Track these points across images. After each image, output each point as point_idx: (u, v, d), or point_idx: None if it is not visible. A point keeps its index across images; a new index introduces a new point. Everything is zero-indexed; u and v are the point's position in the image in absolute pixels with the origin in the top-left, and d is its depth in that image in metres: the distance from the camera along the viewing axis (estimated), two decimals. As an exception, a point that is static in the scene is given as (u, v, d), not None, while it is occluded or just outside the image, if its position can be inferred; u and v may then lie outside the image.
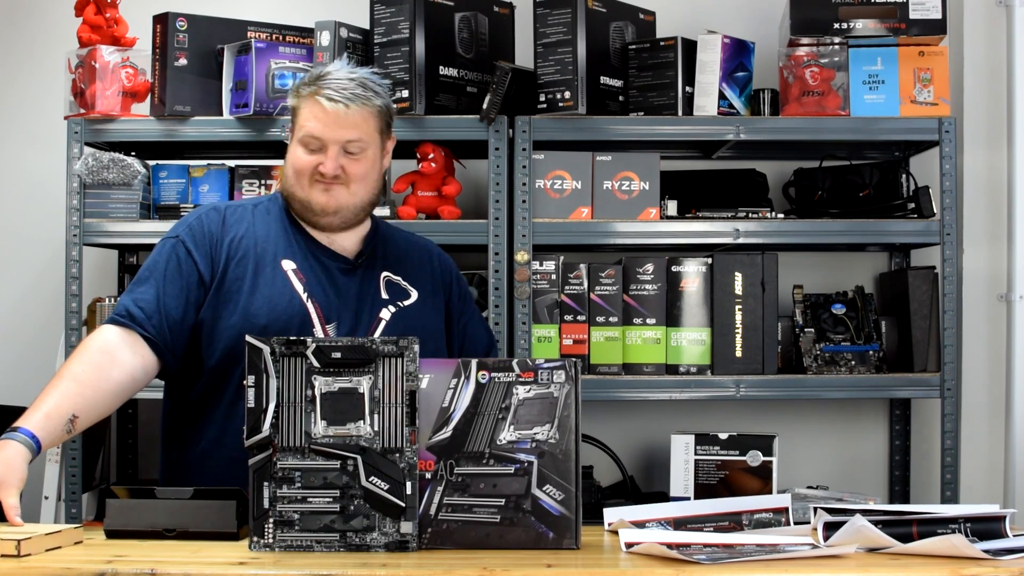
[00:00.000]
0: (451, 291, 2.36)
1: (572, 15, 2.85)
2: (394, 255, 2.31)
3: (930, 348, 2.99)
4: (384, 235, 2.34)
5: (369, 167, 2.21)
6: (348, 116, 2.16)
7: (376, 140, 2.22)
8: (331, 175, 2.17)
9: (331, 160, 2.17)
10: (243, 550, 1.76)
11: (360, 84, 2.19)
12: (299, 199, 2.21)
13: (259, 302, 2.15)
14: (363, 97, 2.18)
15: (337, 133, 2.16)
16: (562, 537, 1.76)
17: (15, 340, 3.34)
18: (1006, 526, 1.81)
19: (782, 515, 1.95)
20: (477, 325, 2.41)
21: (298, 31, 2.99)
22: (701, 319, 2.92)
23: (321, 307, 2.17)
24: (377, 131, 2.22)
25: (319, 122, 2.16)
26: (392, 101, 2.29)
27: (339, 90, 2.16)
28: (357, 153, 2.19)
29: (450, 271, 2.39)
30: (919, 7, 2.89)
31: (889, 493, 3.29)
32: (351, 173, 2.19)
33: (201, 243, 2.18)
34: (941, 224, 2.90)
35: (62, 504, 2.93)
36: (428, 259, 2.36)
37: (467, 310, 2.39)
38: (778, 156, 3.25)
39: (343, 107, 2.15)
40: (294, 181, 2.21)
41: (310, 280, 2.19)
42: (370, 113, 2.19)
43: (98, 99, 2.89)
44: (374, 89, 2.21)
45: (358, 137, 2.18)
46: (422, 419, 1.77)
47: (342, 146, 2.17)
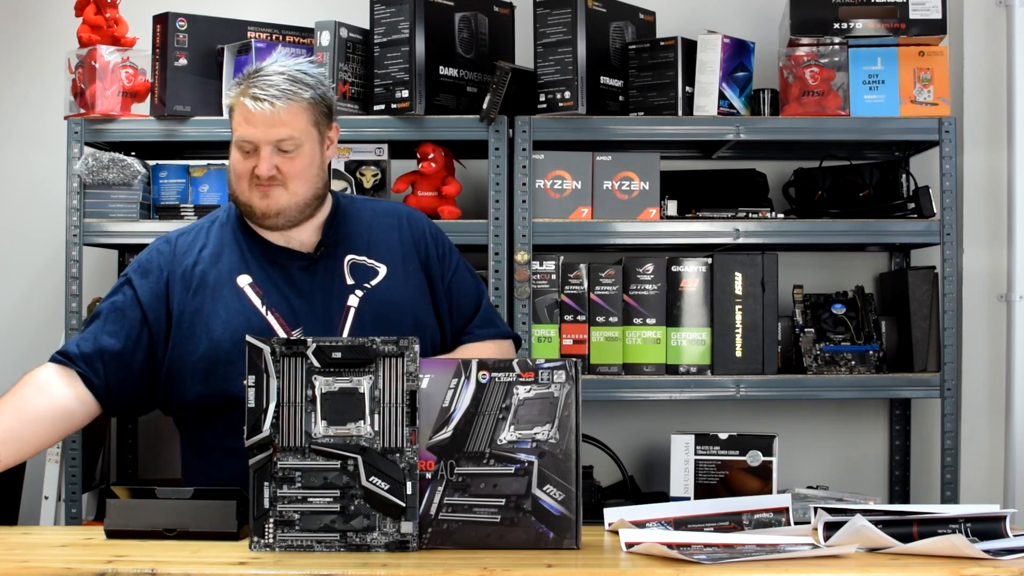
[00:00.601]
0: (427, 252, 2.27)
1: (572, 15, 2.85)
2: (357, 233, 2.24)
3: (930, 348, 2.99)
4: (346, 213, 2.27)
5: (306, 164, 2.16)
6: (275, 115, 2.10)
7: (311, 134, 2.16)
8: (266, 176, 2.12)
9: (264, 161, 2.12)
10: (243, 550, 1.76)
11: (289, 79, 2.13)
12: (242, 203, 2.18)
13: (217, 323, 2.13)
14: (290, 92, 2.12)
15: (266, 133, 2.11)
16: (562, 537, 1.76)
17: (15, 340, 3.34)
18: (1006, 526, 1.81)
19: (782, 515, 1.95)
20: (463, 280, 2.31)
21: (298, 31, 2.99)
22: (701, 319, 2.92)
23: (283, 315, 2.14)
24: (311, 124, 2.16)
25: (248, 124, 2.12)
26: (329, 89, 2.21)
27: (264, 88, 2.11)
28: (291, 151, 2.13)
29: (423, 232, 2.29)
30: (919, 7, 2.89)
31: (889, 493, 3.29)
32: (287, 172, 2.14)
33: (146, 283, 2.18)
34: (941, 224, 2.90)
35: (62, 504, 2.93)
36: (396, 225, 2.28)
37: (449, 267, 2.30)
38: (778, 156, 3.25)
39: (268, 106, 2.10)
40: (235, 186, 2.18)
41: (268, 290, 2.16)
42: (300, 108, 2.13)
43: (98, 99, 2.89)
44: (304, 82, 2.15)
45: (288, 135, 2.12)
46: (422, 419, 1.77)
47: (274, 145, 2.12)
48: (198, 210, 2.94)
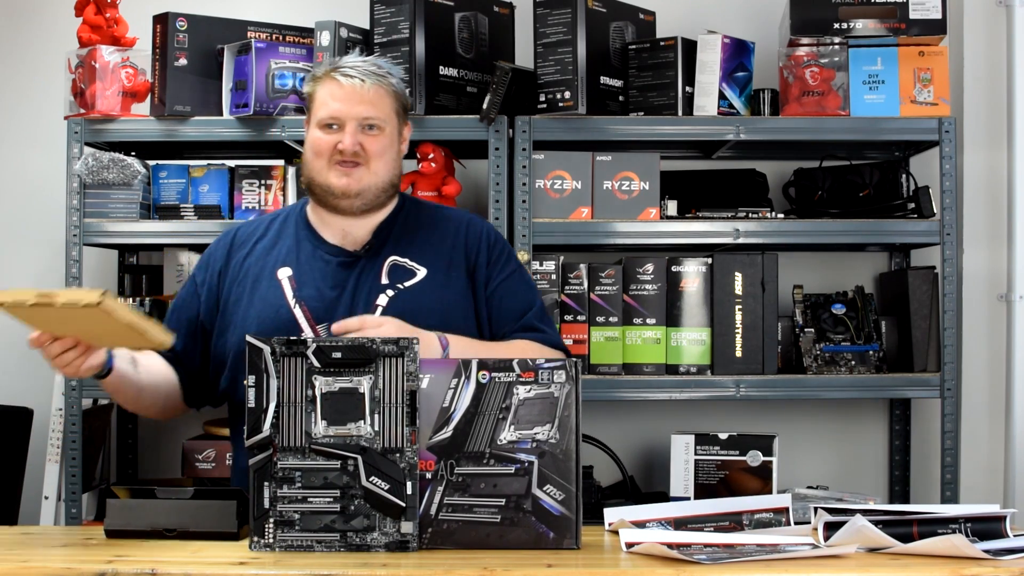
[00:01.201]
0: (476, 259, 2.27)
1: (572, 15, 2.85)
2: (408, 235, 2.26)
3: (930, 348, 2.99)
4: (407, 215, 2.30)
5: (387, 144, 2.22)
6: (364, 91, 2.19)
7: (393, 121, 2.24)
8: (350, 151, 2.18)
9: (349, 136, 2.18)
10: (243, 550, 1.76)
11: (375, 65, 2.24)
12: (319, 185, 2.22)
13: (251, 318, 2.18)
14: (378, 74, 2.22)
15: (354, 109, 2.18)
16: (562, 537, 1.76)
17: (15, 341, 3.32)
18: (1006, 526, 1.81)
19: (782, 515, 1.95)
20: (511, 288, 2.27)
21: (298, 31, 2.99)
22: (701, 319, 2.92)
23: (311, 309, 2.17)
24: (393, 111, 2.24)
25: (336, 100, 2.19)
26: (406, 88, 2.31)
27: (354, 67, 2.21)
28: (375, 131, 2.20)
29: (479, 238, 2.29)
30: (919, 7, 2.89)
31: (889, 493, 3.29)
32: (370, 150, 2.19)
33: (204, 275, 2.28)
34: (941, 224, 2.90)
35: (62, 504, 2.93)
36: (453, 231, 2.29)
37: (498, 275, 2.27)
38: (778, 156, 3.25)
39: (359, 82, 2.18)
40: (313, 166, 2.22)
41: (303, 284, 2.19)
42: (386, 92, 2.22)
43: (98, 99, 2.89)
44: (390, 71, 2.25)
45: (375, 114, 2.20)
46: (422, 419, 1.77)
47: (360, 123, 2.19)
48: (198, 210, 2.94)
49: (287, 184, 2.99)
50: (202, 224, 2.92)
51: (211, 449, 2.89)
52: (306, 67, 2.93)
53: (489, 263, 2.28)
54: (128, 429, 3.26)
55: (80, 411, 2.89)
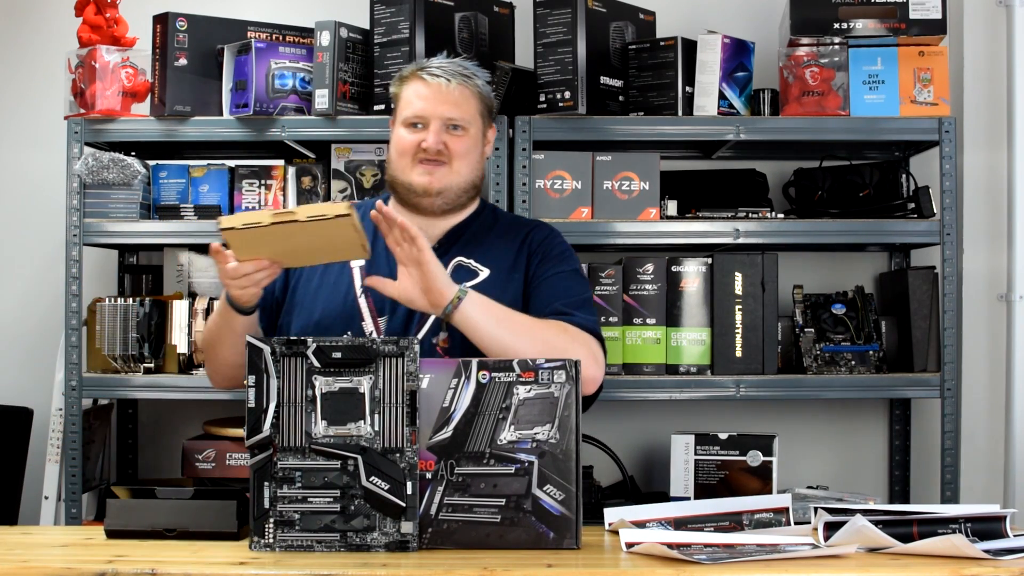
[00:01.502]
0: (532, 257, 2.28)
1: (572, 15, 2.85)
2: (477, 238, 2.28)
3: (930, 348, 2.99)
4: (484, 219, 2.32)
5: (471, 145, 2.25)
6: (449, 92, 2.22)
7: (477, 122, 2.26)
8: (434, 150, 2.20)
9: (433, 135, 2.20)
10: (243, 550, 1.76)
11: (461, 66, 2.26)
12: (402, 183, 2.24)
13: (319, 301, 2.22)
14: (464, 75, 2.25)
15: (439, 108, 2.21)
16: (562, 537, 1.76)
17: (15, 340, 3.34)
18: (1006, 526, 1.81)
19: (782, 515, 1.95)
20: (556, 283, 2.25)
21: (298, 31, 2.99)
22: (701, 319, 2.92)
23: (375, 301, 2.20)
24: (478, 113, 2.26)
25: (421, 99, 2.22)
26: (491, 90, 2.33)
27: (440, 67, 2.24)
28: (459, 131, 2.23)
29: (539, 241, 2.30)
30: (919, 7, 2.89)
31: (889, 493, 3.29)
32: (453, 150, 2.22)
33: None
34: (941, 224, 2.90)
35: (62, 504, 2.93)
36: (519, 236, 2.31)
37: (543, 272, 2.26)
38: (778, 156, 3.25)
39: (445, 81, 2.22)
40: (397, 164, 2.25)
41: (372, 275, 2.20)
42: (471, 93, 2.25)
43: (98, 99, 2.89)
44: (475, 73, 2.28)
45: (459, 115, 2.22)
46: (422, 419, 1.77)
47: (444, 122, 2.21)
48: (198, 210, 2.94)
49: (287, 184, 3.00)
50: (202, 224, 2.93)
51: (211, 449, 2.89)
52: (306, 67, 2.93)
53: (540, 262, 2.28)
54: (128, 429, 3.27)
55: (80, 411, 2.89)
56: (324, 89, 2.87)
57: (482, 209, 2.35)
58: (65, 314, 2.90)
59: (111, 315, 2.89)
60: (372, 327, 2.19)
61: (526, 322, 2.11)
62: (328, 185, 2.99)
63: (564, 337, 2.12)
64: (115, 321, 2.89)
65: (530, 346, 2.04)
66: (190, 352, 2.92)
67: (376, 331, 2.20)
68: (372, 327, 2.19)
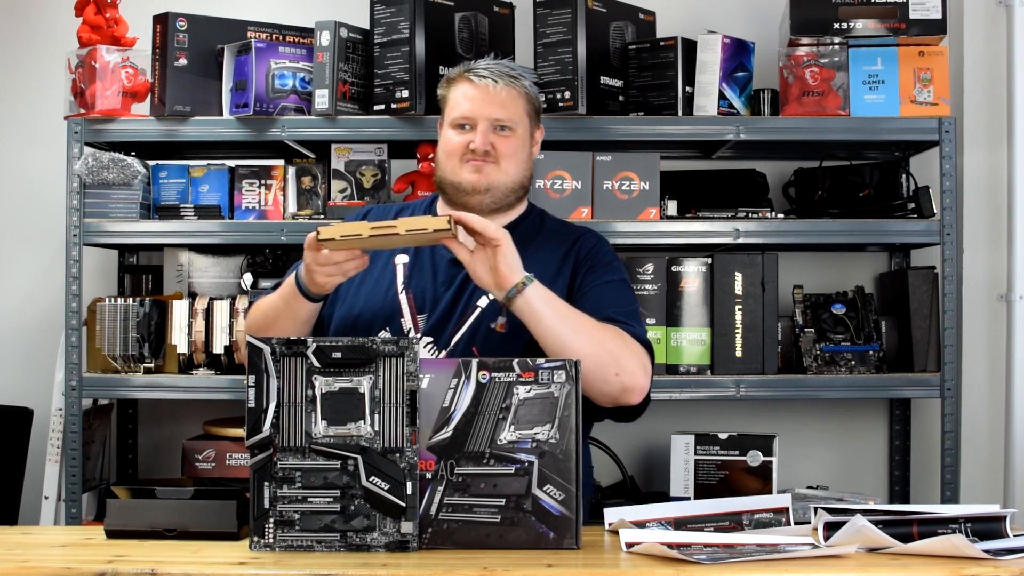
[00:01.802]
0: (579, 266, 2.26)
1: (572, 15, 2.85)
2: (525, 241, 2.25)
3: (930, 348, 2.99)
4: (531, 223, 2.33)
5: (519, 146, 2.26)
6: (496, 93, 2.24)
7: (524, 122, 2.28)
8: (481, 150, 2.22)
9: (481, 135, 2.22)
10: (243, 550, 1.76)
11: (508, 67, 2.28)
12: (451, 183, 2.26)
13: (362, 293, 2.24)
14: (511, 76, 2.26)
15: (486, 110, 2.23)
16: (563, 537, 1.76)
17: (15, 340, 3.35)
18: (1006, 526, 1.81)
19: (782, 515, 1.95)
20: (599, 292, 2.22)
21: (298, 31, 2.99)
22: (701, 319, 2.92)
23: (416, 298, 2.21)
24: (525, 113, 2.28)
25: (468, 101, 2.24)
26: (539, 92, 2.34)
27: (487, 68, 2.26)
28: (507, 131, 2.24)
29: (588, 249, 2.29)
30: (919, 7, 2.89)
31: (889, 493, 3.29)
32: (501, 150, 2.23)
33: None
34: (941, 224, 2.90)
35: (62, 504, 2.93)
36: (569, 241, 2.30)
37: (590, 279, 2.24)
38: (778, 156, 3.25)
39: (492, 83, 2.24)
40: (445, 165, 2.26)
41: (415, 273, 2.23)
42: (518, 94, 2.27)
43: (98, 99, 2.89)
44: (522, 74, 2.29)
45: (507, 116, 2.24)
46: (422, 419, 1.77)
47: (491, 123, 2.23)
48: (198, 210, 2.94)
49: (287, 184, 3.00)
50: (202, 224, 2.93)
51: (211, 449, 2.89)
52: (306, 67, 2.93)
53: (587, 271, 2.26)
54: (128, 429, 3.27)
55: (80, 411, 2.89)
56: (324, 89, 2.87)
57: (529, 212, 2.36)
58: (65, 314, 2.90)
59: (111, 315, 2.89)
60: (411, 324, 2.20)
61: (586, 321, 2.09)
62: (328, 185, 2.99)
63: (620, 343, 2.10)
64: (115, 321, 2.89)
65: (588, 346, 2.03)
66: (190, 352, 2.92)
67: (415, 328, 2.20)
68: (411, 324, 2.20)
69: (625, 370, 2.07)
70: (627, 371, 2.07)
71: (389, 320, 2.21)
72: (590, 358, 2.00)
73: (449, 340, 2.19)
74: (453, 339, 2.19)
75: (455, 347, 2.18)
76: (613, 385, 2.07)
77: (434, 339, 2.19)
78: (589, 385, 2.04)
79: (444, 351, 2.19)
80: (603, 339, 2.08)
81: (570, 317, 2.07)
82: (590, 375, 2.02)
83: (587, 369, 1.99)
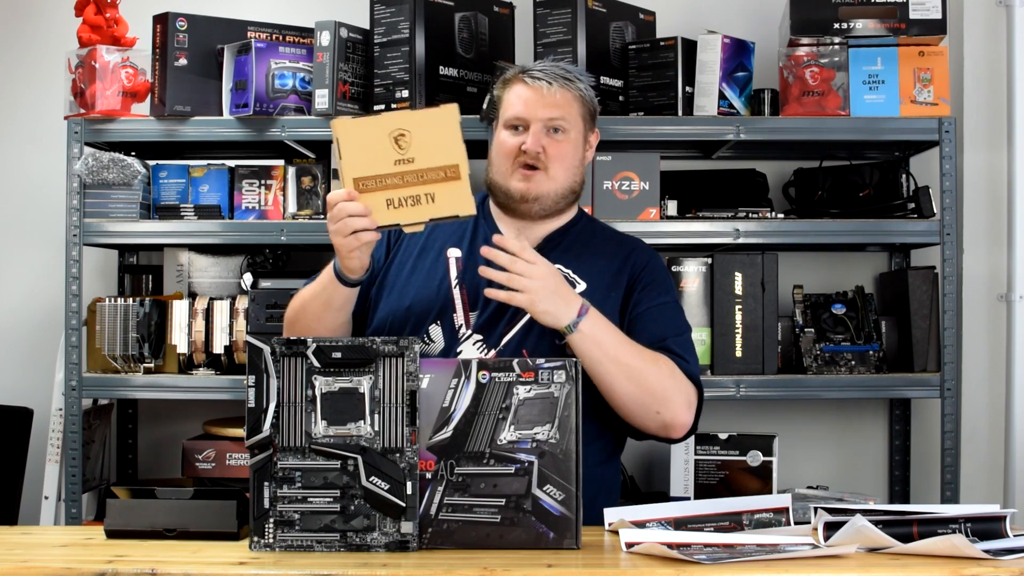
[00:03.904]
0: (635, 282, 2.25)
1: (572, 15, 2.85)
2: (578, 248, 2.27)
3: (930, 348, 2.99)
4: (583, 229, 2.31)
5: (570, 149, 2.23)
6: (550, 94, 2.21)
7: (579, 125, 2.25)
8: (533, 152, 2.19)
9: (533, 136, 2.20)
10: (243, 550, 1.76)
11: (564, 69, 2.26)
12: (500, 188, 2.24)
13: (413, 284, 2.21)
14: (565, 78, 2.24)
15: (539, 111, 2.21)
16: (562, 537, 1.76)
17: (15, 340, 3.35)
18: (1006, 526, 1.81)
19: (782, 515, 1.95)
20: (656, 316, 2.22)
21: (298, 31, 2.99)
22: (701, 319, 2.92)
23: (469, 294, 2.19)
24: (580, 116, 2.25)
25: (522, 101, 2.22)
26: (595, 95, 2.31)
27: (542, 70, 2.24)
28: (559, 134, 2.22)
29: (643, 263, 2.28)
30: (919, 7, 2.89)
31: (889, 493, 3.29)
32: (551, 154, 2.21)
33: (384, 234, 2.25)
34: (941, 224, 2.90)
35: (62, 504, 2.93)
36: (620, 252, 2.29)
37: (646, 299, 2.23)
38: (778, 156, 3.26)
39: (546, 84, 2.21)
40: (497, 168, 2.25)
41: (468, 268, 2.20)
42: (572, 96, 2.24)
43: (98, 99, 2.89)
44: (578, 76, 2.27)
45: (560, 116, 2.21)
46: (422, 419, 1.77)
47: (544, 124, 2.21)
48: (198, 210, 2.94)
49: (287, 184, 3.00)
50: (202, 224, 2.93)
51: (211, 449, 2.89)
52: (306, 67, 2.93)
53: (642, 288, 2.25)
54: (128, 429, 3.27)
55: (80, 411, 2.89)
56: (324, 89, 2.87)
57: (579, 218, 2.33)
58: (65, 314, 2.90)
59: (111, 315, 2.89)
60: (463, 320, 2.18)
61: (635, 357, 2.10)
62: (328, 185, 2.99)
63: (669, 381, 2.13)
64: (115, 321, 2.89)
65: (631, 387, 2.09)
66: (190, 352, 2.92)
67: (466, 324, 2.18)
68: (463, 320, 2.18)
69: (668, 408, 2.13)
70: (670, 409, 2.13)
71: (441, 314, 2.18)
72: (633, 397, 2.08)
73: (500, 339, 2.17)
74: (504, 339, 2.17)
75: (506, 347, 2.16)
76: (655, 421, 2.13)
77: (484, 337, 2.17)
78: (631, 417, 2.12)
79: (494, 350, 2.16)
80: (650, 379, 2.10)
81: (620, 354, 2.08)
82: (633, 412, 2.11)
83: (629, 407, 2.10)
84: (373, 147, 1.98)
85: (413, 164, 1.98)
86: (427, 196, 1.99)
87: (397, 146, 1.98)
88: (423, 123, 1.99)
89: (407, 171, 1.98)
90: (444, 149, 1.99)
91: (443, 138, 1.99)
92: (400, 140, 1.99)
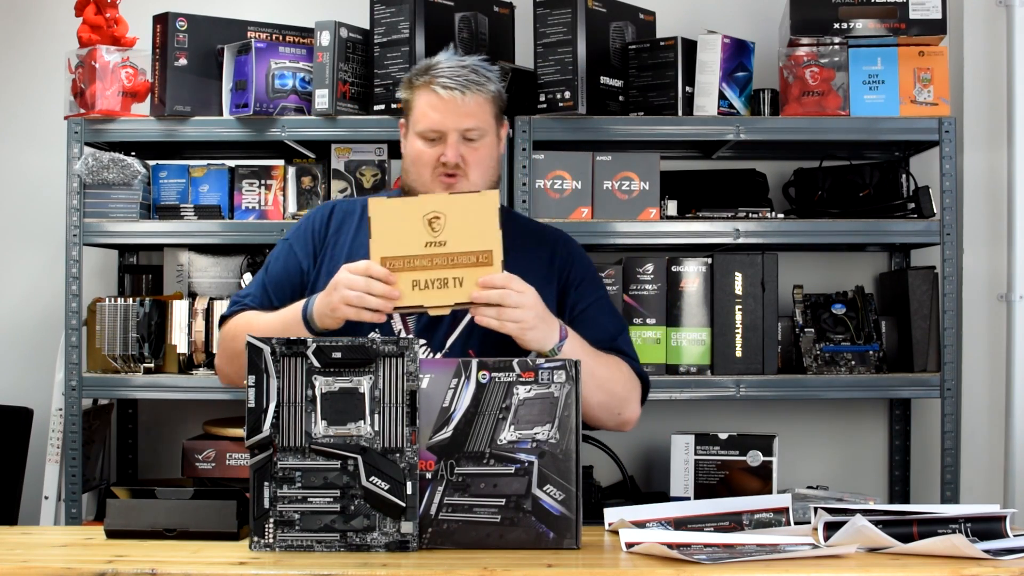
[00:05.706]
0: (568, 278, 2.27)
1: (572, 15, 2.85)
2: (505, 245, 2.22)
3: (930, 348, 2.99)
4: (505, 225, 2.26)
5: (487, 152, 2.23)
6: (464, 103, 2.19)
7: (492, 126, 2.24)
8: (453, 163, 2.18)
9: (451, 148, 2.18)
10: (243, 550, 1.76)
11: (472, 71, 2.22)
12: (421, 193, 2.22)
13: None
14: (477, 83, 2.20)
15: (455, 121, 2.19)
16: (562, 537, 1.76)
17: (15, 340, 3.35)
18: (1006, 526, 1.81)
19: (782, 515, 1.95)
20: (595, 316, 2.26)
21: (298, 31, 2.99)
22: (701, 319, 2.92)
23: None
24: (492, 116, 2.24)
25: (436, 112, 2.19)
26: (503, 87, 2.29)
27: (453, 77, 2.19)
28: (476, 140, 2.21)
29: (572, 257, 2.30)
30: (919, 7, 2.89)
31: (889, 493, 3.29)
32: (470, 161, 2.20)
33: (304, 239, 2.27)
34: (941, 224, 2.90)
35: (62, 504, 2.93)
36: (548, 247, 2.30)
37: (584, 297, 2.26)
38: (778, 156, 3.26)
39: (459, 94, 2.18)
40: (415, 175, 2.23)
41: None
42: (485, 99, 2.22)
43: (98, 99, 2.89)
44: (486, 75, 2.23)
45: (476, 124, 2.20)
46: (422, 419, 1.77)
47: (461, 134, 2.19)
48: (198, 210, 2.94)
49: (287, 184, 3.00)
50: (202, 224, 2.93)
51: (211, 449, 2.89)
52: (306, 67, 2.93)
53: (577, 285, 2.27)
54: (128, 429, 3.27)
55: (80, 411, 2.89)
56: (324, 89, 2.87)
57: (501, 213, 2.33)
58: (65, 314, 2.90)
59: (111, 315, 2.89)
60: (401, 325, 2.18)
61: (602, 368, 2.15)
62: (328, 185, 2.99)
63: (628, 385, 2.21)
64: (115, 321, 2.89)
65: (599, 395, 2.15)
66: (190, 352, 2.92)
67: (405, 329, 2.18)
68: (401, 325, 2.18)
69: (627, 408, 2.21)
70: (629, 409, 2.22)
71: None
72: (602, 403, 2.15)
73: (444, 342, 2.17)
74: (448, 341, 2.18)
75: (451, 349, 2.17)
76: (615, 420, 2.22)
77: (427, 340, 2.17)
78: (594, 419, 2.18)
79: (439, 353, 2.17)
80: (615, 386, 2.17)
81: (594, 368, 2.11)
82: (598, 415, 2.17)
83: (596, 411, 2.15)
84: (405, 228, 1.97)
85: (444, 247, 1.97)
86: (455, 280, 1.98)
87: (430, 228, 1.97)
88: (460, 207, 1.98)
89: (437, 253, 1.97)
90: (479, 234, 1.98)
91: (479, 224, 1.98)
92: (434, 223, 1.98)
